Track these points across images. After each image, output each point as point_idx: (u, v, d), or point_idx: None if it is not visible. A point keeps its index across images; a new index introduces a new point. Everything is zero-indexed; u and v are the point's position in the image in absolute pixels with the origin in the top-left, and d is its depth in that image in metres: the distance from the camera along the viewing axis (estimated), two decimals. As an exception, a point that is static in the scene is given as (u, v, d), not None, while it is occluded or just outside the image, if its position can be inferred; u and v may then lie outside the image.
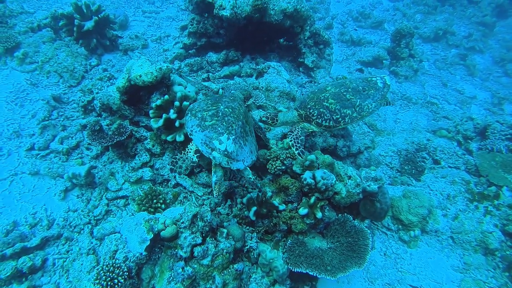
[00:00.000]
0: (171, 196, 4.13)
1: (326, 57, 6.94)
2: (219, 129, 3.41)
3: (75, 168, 4.14)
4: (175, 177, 4.34)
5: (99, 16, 6.09)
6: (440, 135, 6.43)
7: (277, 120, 4.08)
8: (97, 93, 5.09)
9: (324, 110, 3.81)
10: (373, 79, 4.08)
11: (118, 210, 4.15)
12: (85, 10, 6.01)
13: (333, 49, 6.93)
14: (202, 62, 6.38)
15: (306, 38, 6.55)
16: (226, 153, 3.30)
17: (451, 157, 5.81)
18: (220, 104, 3.71)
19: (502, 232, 4.73)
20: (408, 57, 8.38)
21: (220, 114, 3.56)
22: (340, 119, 3.81)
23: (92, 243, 3.85)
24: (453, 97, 8.42)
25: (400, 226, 4.83)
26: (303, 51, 6.73)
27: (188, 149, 3.62)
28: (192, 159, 3.58)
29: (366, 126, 6.31)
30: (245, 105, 4.32)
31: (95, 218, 4.07)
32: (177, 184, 4.33)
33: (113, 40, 6.50)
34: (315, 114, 3.84)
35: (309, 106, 3.87)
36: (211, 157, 3.33)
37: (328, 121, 3.83)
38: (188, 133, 3.54)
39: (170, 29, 7.59)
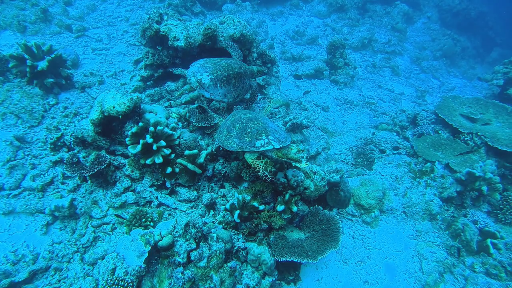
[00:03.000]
0: (157, 215, 4.40)
1: (274, 74, 7.61)
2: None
3: (57, 200, 4.26)
4: (157, 197, 4.63)
5: (52, 56, 6.19)
6: (381, 128, 7.39)
7: None
8: (64, 129, 5.21)
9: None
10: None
11: (106, 235, 4.31)
12: (35, 51, 6.07)
13: (279, 66, 7.64)
14: (162, 92, 6.67)
15: (254, 59, 7.18)
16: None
17: (393, 145, 6.73)
18: None
19: (439, 199, 5.66)
20: (343, 65, 9.42)
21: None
22: None
23: (84, 268, 3.99)
24: (386, 95, 9.61)
25: (362, 211, 5.52)
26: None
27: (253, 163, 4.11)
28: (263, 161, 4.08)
29: (319, 131, 7.04)
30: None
31: (83, 246, 4.20)
32: (160, 204, 4.62)
33: (69, 78, 6.60)
34: None
35: None
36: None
37: None
38: None
39: (123, 64, 7.82)
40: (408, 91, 10.40)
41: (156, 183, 4.66)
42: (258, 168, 4.06)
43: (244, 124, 4.25)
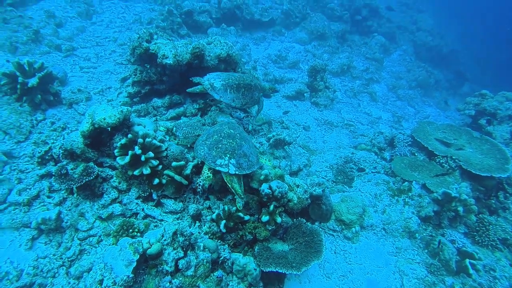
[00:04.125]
0: (143, 226, 4.43)
1: (257, 94, 7.92)
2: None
3: (44, 213, 4.23)
4: (143, 209, 4.67)
5: (42, 73, 6.29)
6: (360, 148, 7.70)
7: None
8: (52, 143, 5.24)
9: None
10: None
11: (91, 248, 4.29)
12: (27, 68, 6.17)
13: (262, 86, 7.94)
14: (148, 108, 6.82)
15: (239, 78, 7.48)
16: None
17: (372, 164, 7.02)
18: None
19: (417, 217, 5.89)
20: (324, 88, 9.86)
21: None
22: None
23: (70, 283, 3.94)
24: (364, 119, 10.04)
25: (343, 226, 5.68)
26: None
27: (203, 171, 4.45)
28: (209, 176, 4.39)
29: (301, 148, 7.28)
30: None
31: (69, 260, 4.14)
32: (146, 216, 4.65)
33: (57, 95, 6.67)
34: None
35: None
36: None
37: None
38: None
39: (110, 81, 7.95)
40: (386, 116, 10.92)
41: (142, 194, 4.70)
42: (202, 176, 4.47)
43: (220, 139, 4.52)
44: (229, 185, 4.32)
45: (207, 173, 4.45)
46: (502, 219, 6.20)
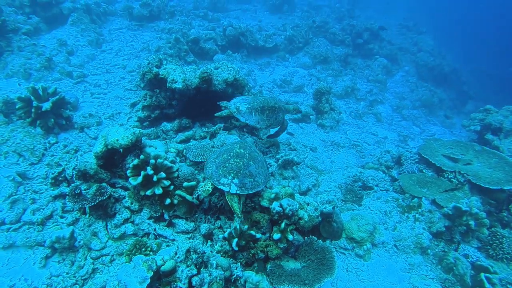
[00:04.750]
0: (155, 245, 4.46)
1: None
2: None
3: (58, 231, 4.30)
4: (155, 229, 4.71)
5: (55, 97, 6.51)
6: (368, 167, 7.73)
7: None
8: (66, 164, 5.37)
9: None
10: None
11: (104, 267, 4.31)
12: (41, 93, 6.41)
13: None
14: (158, 132, 6.97)
15: (246, 101, 7.66)
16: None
17: (380, 182, 7.03)
18: None
19: (429, 232, 5.84)
20: (329, 110, 10.01)
21: None
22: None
23: (83, 302, 3.95)
24: (370, 139, 10.12)
25: (354, 244, 5.64)
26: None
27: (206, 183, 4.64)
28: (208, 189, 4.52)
29: (309, 169, 7.34)
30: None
31: (82, 278, 4.17)
32: (158, 235, 4.68)
33: (69, 119, 6.87)
34: None
35: None
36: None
37: None
38: None
39: (120, 107, 8.19)
40: (391, 136, 10.99)
41: (154, 215, 4.77)
42: (204, 187, 4.59)
43: (229, 158, 4.65)
44: (229, 204, 4.42)
45: (208, 186, 4.57)
46: (516, 232, 6.13)
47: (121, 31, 12.45)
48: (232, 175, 4.43)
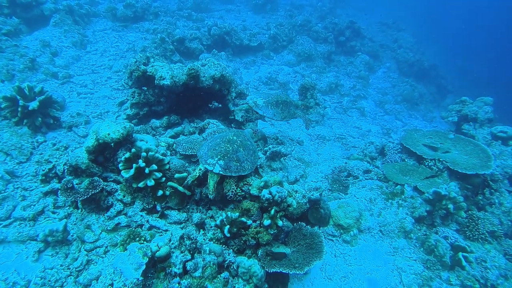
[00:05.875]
0: (149, 236, 4.56)
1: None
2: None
3: (51, 224, 4.36)
4: (148, 221, 4.81)
5: (42, 97, 6.52)
6: (353, 158, 7.99)
7: None
8: (56, 161, 5.41)
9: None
10: None
11: (99, 258, 4.39)
12: (27, 92, 6.41)
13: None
14: (147, 129, 7.04)
15: (233, 98, 7.80)
16: None
17: (365, 172, 7.29)
18: None
19: (411, 217, 6.12)
20: (315, 105, 10.23)
21: None
22: None
23: (79, 291, 4.03)
24: (355, 132, 10.43)
25: (341, 231, 5.86)
26: (232, 109, 7.90)
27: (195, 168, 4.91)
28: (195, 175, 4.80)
29: (296, 161, 7.53)
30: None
31: (76, 270, 4.24)
32: (151, 227, 4.79)
33: (56, 118, 6.88)
34: None
35: None
36: None
37: None
38: None
39: (108, 106, 8.22)
40: (375, 129, 11.33)
41: (147, 206, 4.87)
42: (192, 173, 4.90)
43: (220, 142, 4.87)
44: (208, 181, 4.70)
45: (196, 172, 4.84)
46: (490, 213, 6.50)
47: (105, 32, 12.43)
48: (219, 156, 4.66)
